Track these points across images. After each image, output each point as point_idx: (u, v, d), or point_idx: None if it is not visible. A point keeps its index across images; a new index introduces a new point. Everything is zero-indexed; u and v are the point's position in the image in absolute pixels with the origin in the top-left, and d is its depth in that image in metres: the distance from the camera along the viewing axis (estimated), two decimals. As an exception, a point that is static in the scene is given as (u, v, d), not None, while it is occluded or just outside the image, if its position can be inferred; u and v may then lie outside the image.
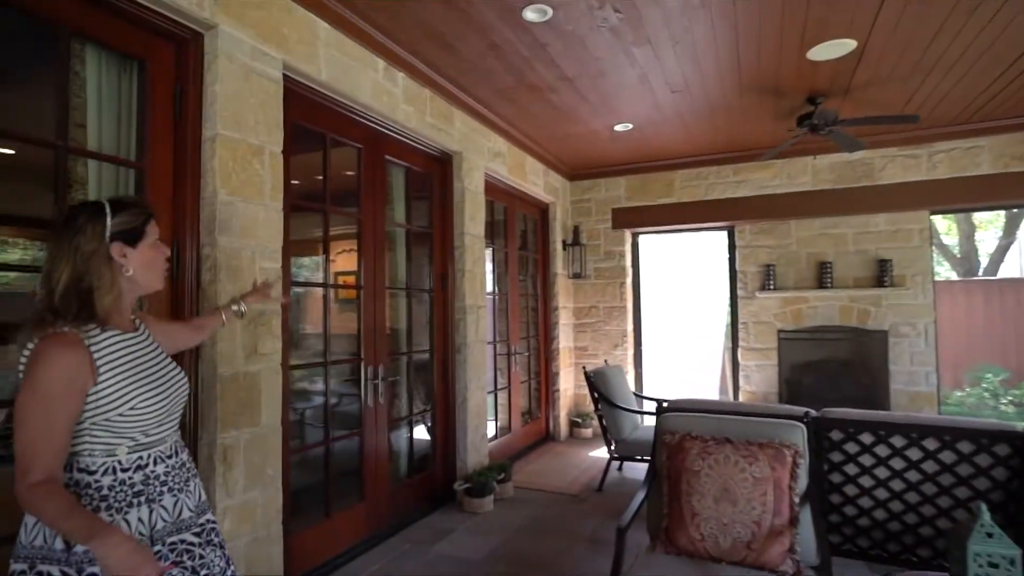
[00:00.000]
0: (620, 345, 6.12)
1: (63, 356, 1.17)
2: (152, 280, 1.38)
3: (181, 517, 1.35)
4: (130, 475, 1.26)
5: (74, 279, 1.23)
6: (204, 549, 1.38)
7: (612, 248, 6.22)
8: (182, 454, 1.41)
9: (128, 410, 1.24)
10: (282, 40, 2.56)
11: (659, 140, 5.26)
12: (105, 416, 1.22)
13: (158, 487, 1.31)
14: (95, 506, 1.21)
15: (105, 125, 2.15)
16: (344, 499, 3.15)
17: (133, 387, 1.26)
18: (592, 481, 4.36)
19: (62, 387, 1.16)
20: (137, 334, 1.37)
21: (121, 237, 1.29)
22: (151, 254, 1.35)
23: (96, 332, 1.26)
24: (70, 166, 2.16)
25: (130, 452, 1.27)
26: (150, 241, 1.35)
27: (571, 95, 4.13)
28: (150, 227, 1.36)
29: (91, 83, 2.14)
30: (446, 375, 4.10)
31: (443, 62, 3.57)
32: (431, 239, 4.07)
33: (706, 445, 2.22)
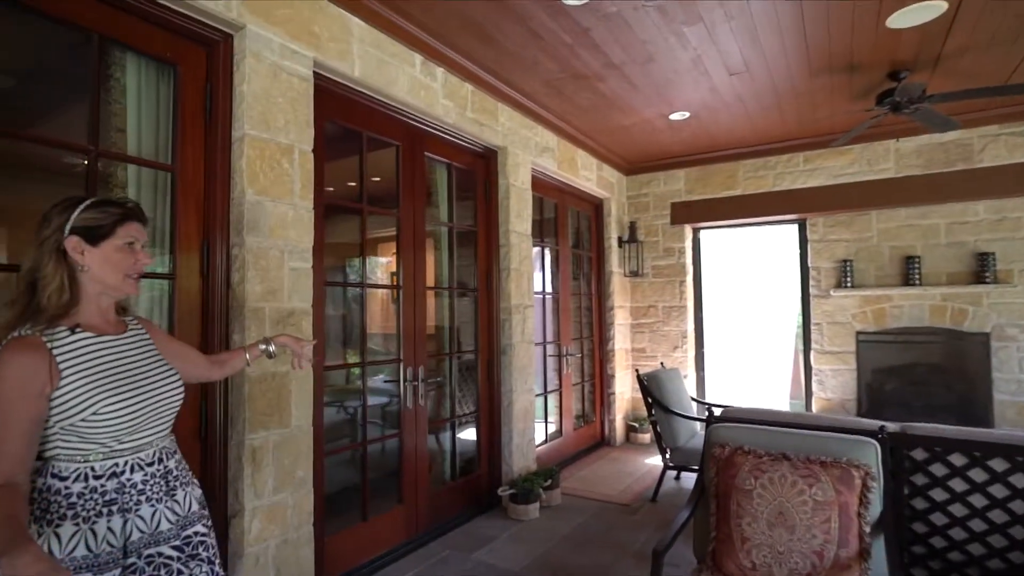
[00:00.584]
0: (680, 347, 5.79)
1: (18, 360, 1.15)
2: (115, 282, 1.30)
3: (159, 529, 1.29)
4: (102, 483, 1.22)
5: (30, 268, 1.22)
6: (188, 564, 1.33)
7: (671, 245, 5.90)
8: (168, 461, 1.35)
9: (91, 416, 1.19)
10: (313, 38, 2.54)
11: (719, 128, 4.92)
12: (69, 421, 1.18)
13: (135, 496, 1.25)
14: (62, 514, 1.17)
15: (144, 129, 2.20)
16: (382, 502, 3.11)
17: (98, 392, 1.21)
18: (646, 490, 4.12)
19: (16, 392, 1.13)
20: (118, 337, 1.33)
21: (82, 233, 1.24)
22: (116, 256, 1.28)
23: (64, 334, 1.22)
24: (112, 171, 2.23)
25: (104, 459, 1.23)
26: (118, 243, 1.29)
27: (620, 83, 3.91)
28: (123, 228, 1.30)
29: (130, 89, 2.19)
30: (491, 377, 3.99)
31: (483, 55, 3.47)
32: (475, 237, 3.98)
33: (760, 461, 1.98)
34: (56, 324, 1.22)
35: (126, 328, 1.38)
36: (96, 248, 1.26)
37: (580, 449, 5.22)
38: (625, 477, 4.51)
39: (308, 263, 2.47)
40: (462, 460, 3.88)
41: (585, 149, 5.19)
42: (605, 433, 5.67)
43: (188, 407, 2.13)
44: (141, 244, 1.34)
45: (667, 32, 3.20)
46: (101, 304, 1.31)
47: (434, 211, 3.83)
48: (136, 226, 1.33)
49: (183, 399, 1.44)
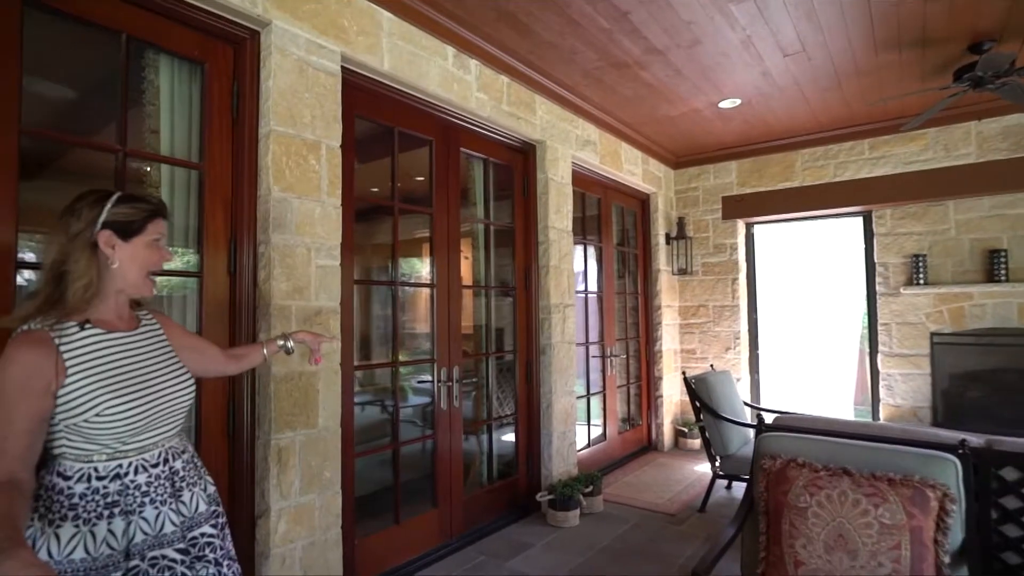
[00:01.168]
0: (732, 348, 5.49)
1: (23, 356, 1.13)
2: (139, 280, 1.30)
3: (163, 531, 1.26)
4: (105, 484, 1.19)
5: (57, 260, 1.20)
6: (194, 565, 1.29)
7: (722, 241, 5.60)
8: (175, 462, 1.32)
9: (95, 416, 1.17)
10: (341, 32, 2.50)
11: (773, 116, 4.61)
12: (72, 421, 1.16)
13: (138, 497, 1.23)
14: (63, 514, 1.15)
15: (177, 129, 2.21)
16: (416, 504, 3.05)
17: (103, 391, 1.19)
18: (694, 500, 3.89)
19: (19, 388, 1.11)
20: (129, 334, 1.31)
21: (114, 227, 1.24)
22: (144, 253, 1.28)
23: (74, 330, 1.20)
24: (146, 171, 2.26)
25: (108, 459, 1.20)
26: (147, 240, 1.29)
27: (664, 70, 3.71)
28: (152, 225, 1.30)
29: (163, 90, 2.21)
30: (530, 378, 3.87)
31: (518, 45, 3.35)
32: (513, 234, 3.88)
33: (816, 476, 1.77)
34: (66, 319, 1.20)
35: (139, 324, 1.35)
36: (127, 244, 1.26)
37: (625, 454, 5.02)
38: (672, 485, 4.29)
39: (336, 261, 2.43)
40: (500, 463, 3.78)
41: (629, 142, 4.99)
42: (652, 438, 5.44)
43: (216, 405, 2.13)
44: (164, 240, 1.34)
45: (713, 11, 2.99)
46: (117, 300, 1.30)
47: (471, 208, 3.75)
48: (163, 223, 1.34)
49: (193, 398, 1.41)
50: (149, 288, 1.33)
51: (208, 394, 2.11)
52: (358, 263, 6.44)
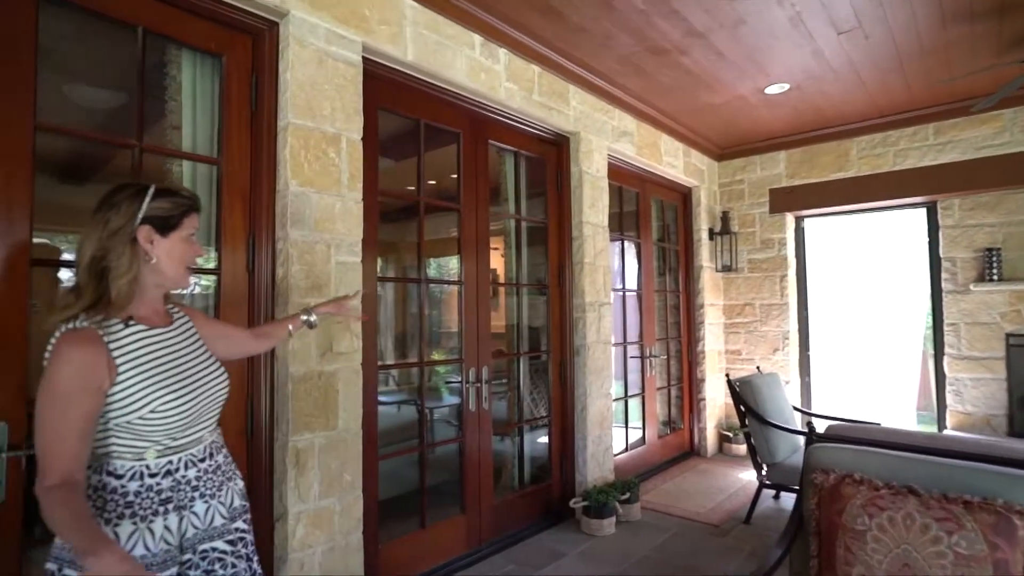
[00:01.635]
0: (780, 349, 5.18)
1: (76, 354, 1.11)
2: (177, 275, 1.29)
3: (213, 524, 1.28)
4: (158, 480, 1.20)
5: (96, 256, 1.18)
6: (235, 558, 1.31)
7: (770, 236, 5.30)
8: (218, 456, 1.34)
9: (149, 413, 1.17)
10: (362, 21, 2.42)
11: (826, 101, 4.31)
12: (126, 419, 1.16)
13: (188, 492, 1.24)
14: (120, 513, 1.15)
15: (200, 125, 2.18)
16: (443, 509, 2.96)
17: (155, 388, 1.19)
18: (739, 509, 3.66)
19: (74, 387, 1.10)
20: (168, 329, 1.30)
21: (153, 222, 1.23)
22: (181, 247, 1.28)
23: (118, 328, 1.19)
24: (168, 167, 2.24)
25: (159, 456, 1.21)
26: (184, 234, 1.28)
27: (705, 54, 3.50)
28: (188, 220, 1.30)
29: (186, 86, 2.18)
30: (563, 379, 3.73)
31: (549, 32, 3.22)
32: (546, 229, 3.74)
33: (876, 495, 1.57)
34: (110, 316, 1.19)
35: (172, 319, 1.35)
36: (165, 239, 1.25)
37: (665, 459, 4.80)
38: (715, 493, 4.06)
39: (357, 257, 2.36)
40: (532, 467, 3.66)
41: (669, 133, 4.77)
42: (695, 442, 5.20)
43: (234, 405, 2.08)
44: (196, 236, 1.35)
45: (758, -14, 2.77)
46: (154, 296, 1.30)
47: (502, 204, 3.64)
48: (197, 217, 1.34)
49: (229, 391, 1.42)
50: (187, 282, 1.33)
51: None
52: (393, 261, 6.48)
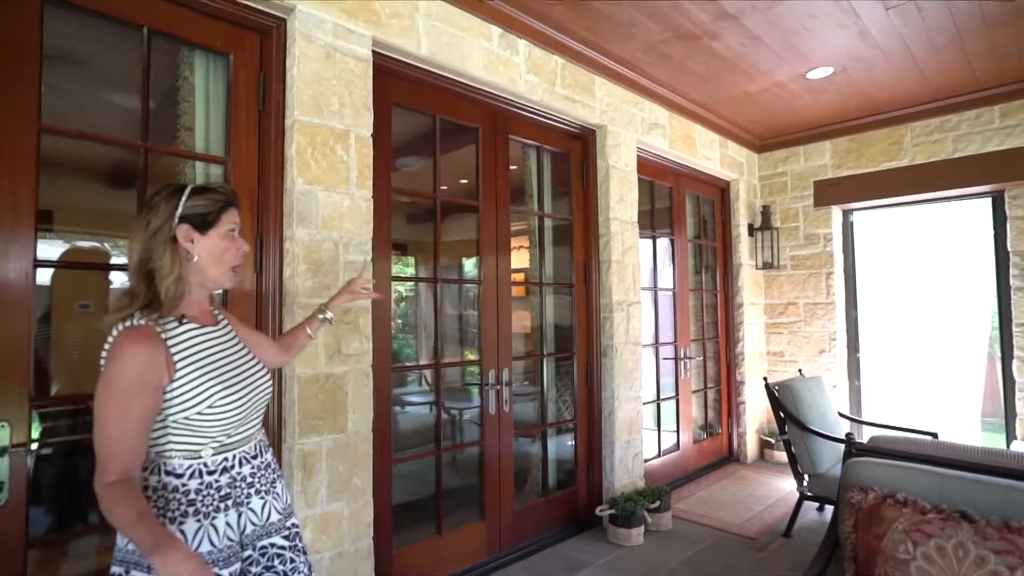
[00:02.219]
0: (827, 351, 4.88)
1: (137, 351, 1.11)
2: (219, 273, 1.28)
3: (270, 520, 1.31)
4: (216, 478, 1.21)
5: (143, 258, 1.19)
6: (293, 553, 1.34)
7: (814, 231, 5.00)
8: (267, 454, 1.36)
9: (207, 408, 1.19)
10: (372, 15, 2.37)
11: (875, 85, 4.01)
12: (184, 415, 1.17)
13: (244, 489, 1.26)
14: (183, 511, 1.16)
15: (212, 126, 2.17)
16: (461, 515, 2.88)
17: (212, 385, 1.20)
18: (778, 522, 3.44)
19: (135, 384, 1.10)
20: (216, 328, 1.31)
21: (191, 220, 1.22)
22: (222, 244, 1.26)
23: (174, 325, 1.20)
24: (181, 168, 2.24)
25: (215, 453, 1.22)
26: (223, 231, 1.26)
27: (739, 38, 3.29)
28: (227, 215, 1.28)
29: (199, 87, 2.18)
30: (590, 381, 3.60)
31: (571, 21, 3.09)
32: (570, 227, 3.61)
33: (922, 520, 1.39)
34: (164, 315, 1.20)
35: (217, 320, 1.35)
36: (204, 236, 1.24)
37: (701, 466, 4.59)
38: (753, 503, 3.84)
39: (367, 256, 2.30)
40: (557, 473, 3.54)
41: (704, 124, 4.55)
42: (733, 448, 4.96)
43: (242, 407, 2.05)
44: (238, 229, 1.32)
45: (794, -39, 2.57)
46: (200, 295, 1.30)
47: (527, 200, 3.54)
48: (236, 212, 1.32)
49: (272, 390, 1.43)
50: (231, 280, 1.31)
51: (234, 395, 2.05)
52: (423, 261, 6.49)
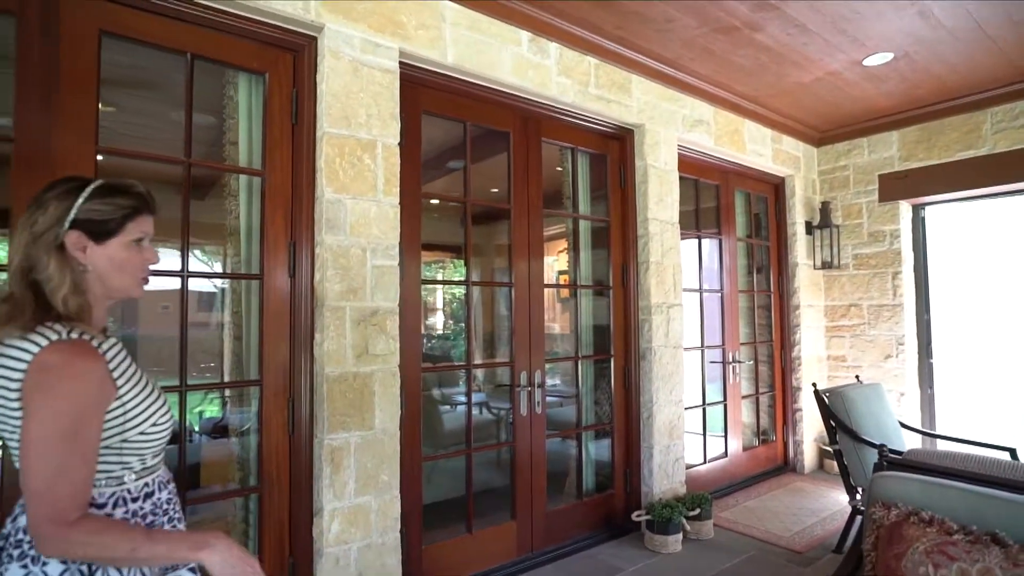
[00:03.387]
0: (894, 356, 4.55)
1: (90, 369, 0.99)
2: (125, 284, 1.13)
3: None
4: (140, 504, 1.10)
5: (23, 266, 1.04)
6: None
7: (879, 228, 4.68)
8: (171, 482, 1.23)
9: (151, 427, 1.10)
10: (398, 28, 2.45)
11: (945, 67, 3.71)
12: (123, 436, 1.06)
13: (161, 517, 1.15)
14: None
15: (254, 140, 2.33)
16: (493, 515, 2.93)
17: (151, 401, 1.11)
18: (830, 536, 3.26)
19: (93, 405, 0.99)
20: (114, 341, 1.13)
21: (85, 227, 1.06)
22: (123, 255, 1.10)
23: (100, 339, 1.06)
24: (225, 180, 2.42)
25: (137, 479, 1.11)
26: (126, 240, 1.10)
27: (783, 28, 3.15)
28: (134, 224, 1.11)
29: (242, 105, 2.35)
30: (628, 384, 3.54)
31: (603, 20, 3.06)
32: (608, 228, 3.58)
33: (947, 541, 1.30)
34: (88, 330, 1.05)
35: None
36: (101, 246, 1.08)
37: (752, 474, 4.41)
38: (805, 515, 3.65)
39: (393, 260, 2.39)
40: (593, 476, 3.51)
41: (754, 119, 4.37)
42: (789, 457, 4.72)
43: (277, 404, 2.20)
44: (149, 239, 1.17)
45: (834, -56, 2.44)
46: (105, 308, 1.15)
47: (564, 202, 3.54)
48: (148, 220, 1.15)
49: None
50: (140, 291, 1.16)
51: (270, 391, 2.19)
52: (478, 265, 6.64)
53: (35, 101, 1.79)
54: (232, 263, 2.34)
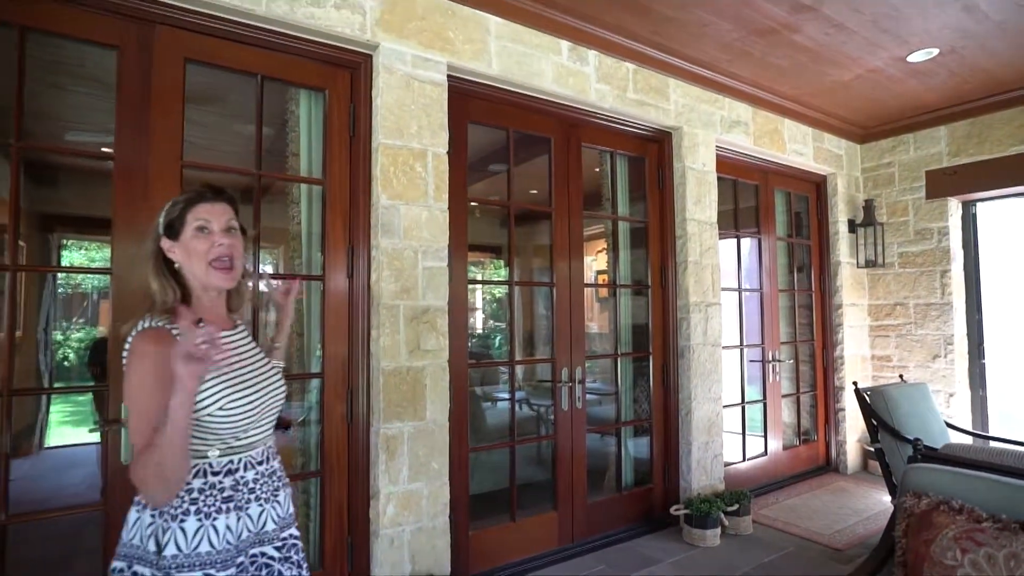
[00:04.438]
0: (942, 356, 4.46)
1: (150, 351, 1.14)
2: (199, 270, 1.24)
3: (264, 529, 1.28)
4: (220, 479, 1.21)
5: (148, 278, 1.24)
6: (282, 565, 1.31)
7: (927, 225, 4.59)
8: (273, 461, 1.34)
9: (218, 410, 1.19)
10: (447, 43, 2.61)
11: (994, 62, 3.64)
12: (196, 415, 1.16)
13: (246, 494, 1.25)
14: (185, 508, 1.17)
15: (314, 152, 2.53)
16: (536, 505, 3.06)
17: (224, 386, 1.21)
18: (871, 536, 3.25)
19: (155, 380, 1.11)
20: (231, 333, 1.33)
21: (166, 231, 1.24)
22: (192, 244, 1.23)
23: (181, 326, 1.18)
24: (288, 189, 2.63)
25: (221, 455, 1.22)
26: (191, 229, 1.23)
27: (821, 28, 3.17)
28: (191, 213, 1.24)
29: (303, 119, 2.55)
30: (666, 381, 3.62)
31: (639, 27, 3.15)
32: (646, 228, 3.66)
33: (975, 528, 1.36)
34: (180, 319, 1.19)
35: (234, 325, 1.37)
36: (177, 242, 1.24)
37: (793, 473, 4.40)
38: (847, 515, 3.64)
39: (443, 262, 2.55)
40: (632, 470, 3.60)
41: (794, 117, 4.36)
42: (831, 456, 4.68)
43: (337, 394, 2.39)
44: (221, 226, 1.26)
45: (872, -53, 2.47)
46: (209, 299, 1.29)
47: (603, 203, 3.65)
48: (205, 207, 1.25)
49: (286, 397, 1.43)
50: (217, 278, 1.25)
51: (330, 383, 2.38)
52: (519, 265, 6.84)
53: (131, 123, 2.02)
54: (295, 265, 2.55)
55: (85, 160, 4.90)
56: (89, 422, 5.90)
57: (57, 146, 4.05)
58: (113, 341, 2.02)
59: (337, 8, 2.32)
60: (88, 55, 2.86)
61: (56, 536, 2.75)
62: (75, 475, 4.57)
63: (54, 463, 5.00)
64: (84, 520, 2.18)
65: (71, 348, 8.24)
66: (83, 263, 8.80)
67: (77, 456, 5.03)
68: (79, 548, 2.64)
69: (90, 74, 3.12)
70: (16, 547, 1.89)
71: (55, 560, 2.78)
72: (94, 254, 8.40)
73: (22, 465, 4.82)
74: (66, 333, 8.49)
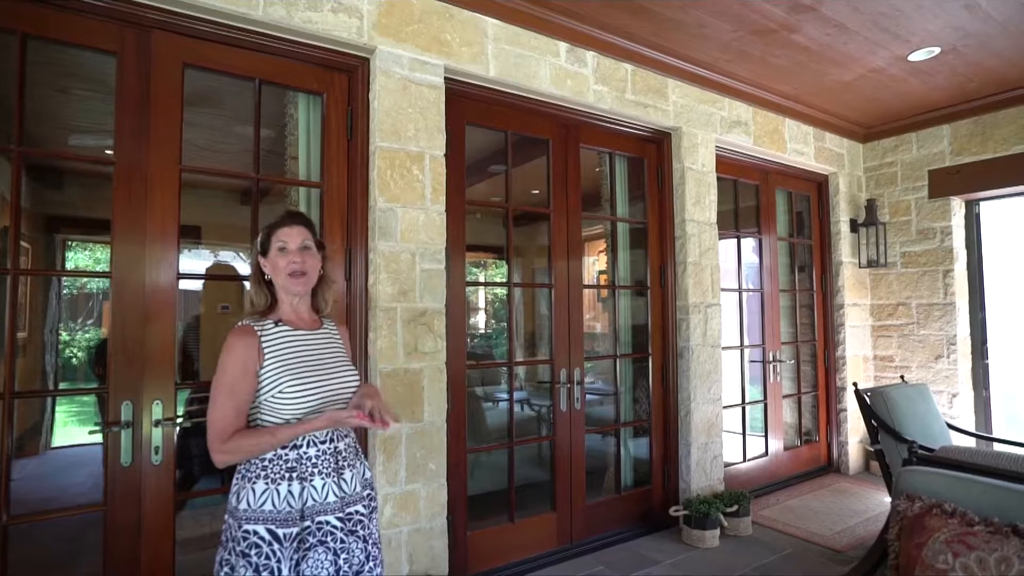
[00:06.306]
0: (944, 356, 4.44)
1: (240, 343, 1.45)
2: (282, 283, 1.55)
3: (327, 500, 1.47)
4: (286, 452, 1.44)
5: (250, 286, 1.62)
6: (348, 537, 1.48)
7: (929, 224, 4.57)
8: (339, 442, 1.53)
9: (278, 393, 1.45)
10: (444, 46, 2.62)
11: (997, 60, 3.62)
12: (264, 396, 1.45)
13: (309, 468, 1.46)
14: (256, 473, 1.42)
15: (312, 155, 2.55)
16: (534, 506, 3.06)
17: (284, 374, 1.46)
18: (872, 537, 3.23)
19: (239, 370, 1.43)
20: (311, 332, 1.59)
21: (260, 250, 1.58)
22: (275, 261, 1.55)
23: (270, 326, 1.52)
24: (287, 192, 2.65)
25: None
26: (274, 250, 1.55)
27: (821, 28, 3.16)
28: (273, 237, 1.56)
29: (302, 122, 2.56)
30: (666, 382, 3.62)
31: (638, 28, 3.15)
32: (645, 229, 3.66)
33: (967, 532, 1.36)
34: (266, 318, 1.54)
35: (320, 325, 1.64)
36: (267, 259, 1.57)
37: (793, 474, 4.39)
38: (848, 515, 3.63)
39: (440, 264, 2.56)
40: (632, 471, 3.60)
41: (794, 117, 4.35)
42: (833, 457, 4.67)
43: (335, 396, 2.39)
44: (296, 245, 1.55)
45: (870, -53, 2.46)
46: (292, 304, 1.58)
47: (603, 204, 3.65)
48: (285, 230, 1.57)
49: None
50: (293, 285, 1.54)
51: (329, 385, 2.39)
52: (521, 265, 6.83)
53: (131, 127, 2.04)
54: (293, 267, 2.56)
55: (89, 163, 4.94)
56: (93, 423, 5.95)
57: (60, 151, 4.08)
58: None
59: (334, 12, 2.34)
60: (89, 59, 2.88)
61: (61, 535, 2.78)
62: (79, 475, 4.61)
63: (60, 463, 5.04)
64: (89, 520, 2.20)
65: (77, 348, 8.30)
66: (88, 265, 8.85)
67: (83, 456, 5.08)
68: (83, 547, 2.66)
69: (93, 77, 3.16)
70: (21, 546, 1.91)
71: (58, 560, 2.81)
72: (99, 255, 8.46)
73: (28, 464, 4.86)
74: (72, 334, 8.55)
